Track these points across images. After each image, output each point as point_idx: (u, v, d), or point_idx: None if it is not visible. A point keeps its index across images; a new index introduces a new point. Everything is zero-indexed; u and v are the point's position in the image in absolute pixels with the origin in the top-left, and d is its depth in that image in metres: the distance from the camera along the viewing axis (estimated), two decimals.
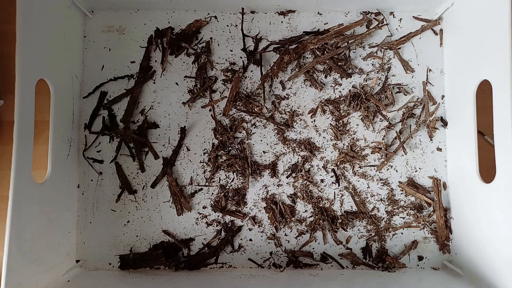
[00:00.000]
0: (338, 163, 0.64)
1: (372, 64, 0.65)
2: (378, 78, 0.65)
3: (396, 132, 0.64)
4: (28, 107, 0.49)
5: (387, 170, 0.64)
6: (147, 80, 0.65)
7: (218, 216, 0.64)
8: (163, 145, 0.65)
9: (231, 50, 0.66)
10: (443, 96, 0.64)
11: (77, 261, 0.62)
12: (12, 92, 0.46)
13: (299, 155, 0.64)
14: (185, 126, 0.65)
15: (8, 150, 0.52)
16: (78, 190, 0.64)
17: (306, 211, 0.64)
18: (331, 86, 0.65)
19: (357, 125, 0.64)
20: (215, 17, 0.66)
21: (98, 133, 0.65)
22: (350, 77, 0.65)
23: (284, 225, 0.63)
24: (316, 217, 0.63)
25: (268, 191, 0.64)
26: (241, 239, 0.64)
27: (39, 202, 0.52)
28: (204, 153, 0.65)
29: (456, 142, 0.61)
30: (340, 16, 0.66)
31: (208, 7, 0.65)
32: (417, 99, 0.64)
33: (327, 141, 0.64)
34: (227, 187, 0.64)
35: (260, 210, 0.64)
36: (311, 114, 0.65)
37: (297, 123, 0.65)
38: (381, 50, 0.65)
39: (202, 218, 0.64)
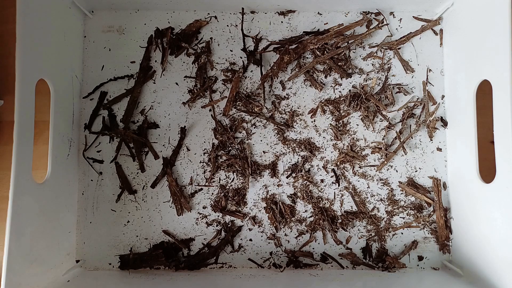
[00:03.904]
0: (338, 163, 0.64)
1: (372, 64, 0.65)
2: (378, 78, 0.65)
3: (396, 132, 0.64)
4: (28, 107, 0.49)
5: (387, 170, 0.64)
6: (147, 80, 0.65)
7: (218, 216, 0.64)
8: (163, 145, 0.65)
9: (231, 50, 0.66)
10: (443, 96, 0.64)
11: (77, 261, 0.62)
12: (12, 92, 0.46)
13: (299, 155, 0.64)
14: (185, 126, 0.65)
15: (8, 150, 0.52)
16: (78, 190, 0.64)
17: (306, 211, 0.64)
18: (331, 86, 0.65)
19: (357, 125, 0.64)
20: (215, 17, 0.66)
21: (98, 133, 0.65)
22: (350, 77, 0.65)
23: (284, 225, 0.63)
24: (316, 217, 0.63)
25: (268, 191, 0.64)
26: (241, 239, 0.64)
27: (39, 202, 0.52)
28: (204, 153, 0.65)
29: (456, 142, 0.61)
30: (340, 16, 0.66)
31: (208, 7, 0.65)
32: (417, 99, 0.64)
33: (327, 141, 0.64)
34: (227, 187, 0.64)
35: (260, 210, 0.64)
36: (311, 114, 0.65)
37: (297, 123, 0.65)
38: (381, 50, 0.65)
39: (202, 218, 0.64)
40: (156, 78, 0.66)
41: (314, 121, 0.65)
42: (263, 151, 0.65)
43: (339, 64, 0.65)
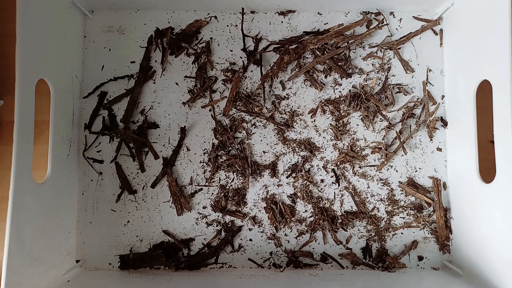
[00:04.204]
0: (338, 163, 0.64)
1: (372, 64, 0.65)
2: (378, 78, 0.65)
3: (396, 132, 0.64)
4: (28, 107, 0.49)
5: (387, 170, 0.64)
6: (147, 80, 0.65)
7: (218, 216, 0.64)
8: (163, 145, 0.65)
9: (231, 50, 0.66)
10: (443, 96, 0.64)
11: (77, 261, 0.62)
12: (12, 92, 0.46)
13: (299, 155, 0.64)
14: (185, 126, 0.65)
15: (8, 150, 0.52)
16: (78, 190, 0.64)
17: (306, 211, 0.64)
18: (331, 86, 0.65)
19: (357, 125, 0.64)
20: (215, 17, 0.66)
21: (98, 133, 0.65)
22: (350, 77, 0.65)
23: (284, 225, 0.63)
24: (316, 217, 0.63)
25: (268, 191, 0.64)
26: (241, 239, 0.64)
27: (39, 202, 0.52)
28: (204, 153, 0.65)
29: (456, 142, 0.61)
30: (340, 16, 0.66)
31: (208, 7, 0.65)
32: (417, 99, 0.64)
33: (327, 141, 0.64)
34: (227, 187, 0.64)
35: (260, 210, 0.64)
36: (311, 114, 0.65)
37: (297, 123, 0.65)
38: (381, 50, 0.65)
39: (202, 218, 0.64)
40: (156, 78, 0.66)
41: (314, 121, 0.65)
42: (263, 151, 0.65)
43: (339, 64, 0.65)
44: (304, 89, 0.65)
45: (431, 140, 0.64)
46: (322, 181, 0.64)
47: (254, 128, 0.65)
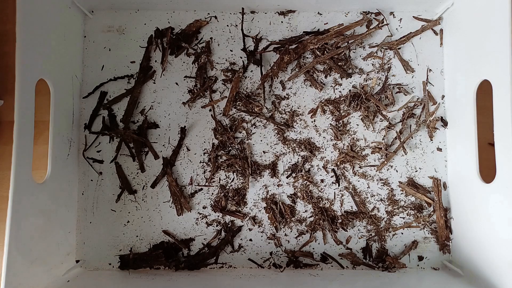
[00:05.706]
0: (338, 163, 0.64)
1: (372, 64, 0.65)
2: (378, 78, 0.65)
3: (396, 132, 0.64)
4: (28, 107, 0.49)
5: (387, 170, 0.64)
6: (147, 80, 0.65)
7: (218, 216, 0.64)
8: (163, 145, 0.65)
9: (231, 50, 0.66)
10: (443, 96, 0.64)
11: (77, 261, 0.62)
12: (12, 92, 0.46)
13: (299, 155, 0.64)
14: (185, 126, 0.65)
15: (8, 150, 0.52)
16: (78, 190, 0.64)
17: (306, 211, 0.64)
18: (331, 86, 0.65)
19: (357, 125, 0.64)
20: (215, 17, 0.66)
21: (98, 133, 0.65)
22: (350, 77, 0.65)
23: (284, 225, 0.63)
24: (316, 217, 0.63)
25: (268, 191, 0.64)
26: (241, 239, 0.64)
27: (39, 202, 0.52)
28: (204, 153, 0.65)
29: (456, 142, 0.61)
30: (340, 16, 0.66)
31: (208, 7, 0.65)
32: (417, 99, 0.64)
33: (327, 141, 0.64)
34: (227, 187, 0.64)
35: (260, 210, 0.64)
36: (311, 114, 0.65)
37: (297, 123, 0.65)
38: (381, 50, 0.65)
39: (202, 218, 0.64)
40: (156, 78, 0.66)
41: (314, 121, 0.65)
42: (263, 151, 0.65)
43: (339, 64, 0.65)
44: (304, 89, 0.65)
45: (431, 140, 0.64)
46: (322, 181, 0.64)
47: (254, 128, 0.65)
